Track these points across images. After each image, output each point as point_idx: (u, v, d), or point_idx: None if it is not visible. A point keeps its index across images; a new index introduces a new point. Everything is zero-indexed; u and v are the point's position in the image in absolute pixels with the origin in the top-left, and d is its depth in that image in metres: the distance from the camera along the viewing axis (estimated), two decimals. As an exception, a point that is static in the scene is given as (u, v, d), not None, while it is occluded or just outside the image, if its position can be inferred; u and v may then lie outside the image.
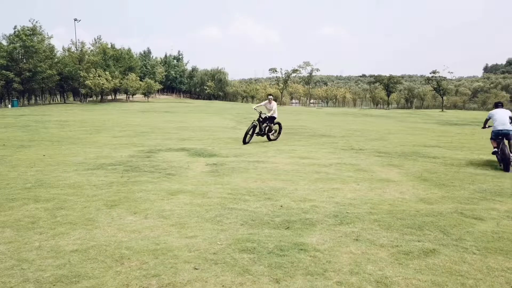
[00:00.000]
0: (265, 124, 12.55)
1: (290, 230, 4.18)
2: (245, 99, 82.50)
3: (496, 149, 8.32)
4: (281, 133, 13.45)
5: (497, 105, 9.11)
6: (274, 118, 12.70)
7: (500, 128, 8.31)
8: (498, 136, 8.31)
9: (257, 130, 12.48)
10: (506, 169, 8.04)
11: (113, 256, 3.45)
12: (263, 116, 12.41)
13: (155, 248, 3.62)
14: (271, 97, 13.07)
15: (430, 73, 57.73)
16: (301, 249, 3.63)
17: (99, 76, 50.10)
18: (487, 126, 9.13)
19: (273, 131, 12.97)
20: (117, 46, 58.98)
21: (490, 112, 8.96)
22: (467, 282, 3.05)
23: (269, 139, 12.87)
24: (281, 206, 5.07)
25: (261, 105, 13.12)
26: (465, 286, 3.00)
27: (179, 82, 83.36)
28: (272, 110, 12.57)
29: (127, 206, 4.99)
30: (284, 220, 4.51)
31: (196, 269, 3.21)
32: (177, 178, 6.74)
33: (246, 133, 11.94)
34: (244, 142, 11.77)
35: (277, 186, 6.22)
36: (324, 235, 4.03)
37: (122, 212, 4.72)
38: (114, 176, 6.77)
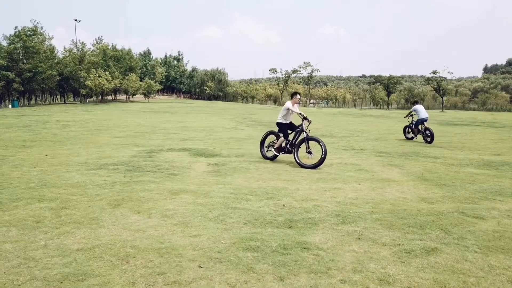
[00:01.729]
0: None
1: (293, 229, 4.22)
2: (245, 99, 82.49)
3: (421, 130, 13.35)
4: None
5: (417, 102, 14.30)
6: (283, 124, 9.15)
7: (424, 116, 13.19)
8: (420, 122, 13.25)
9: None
10: (431, 141, 12.69)
11: (118, 254, 3.48)
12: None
13: (160, 247, 3.66)
14: (298, 96, 9.02)
15: (430, 74, 57.68)
16: (304, 248, 3.67)
17: (99, 76, 50.13)
18: (409, 116, 14.14)
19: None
20: (118, 47, 59.13)
21: (414, 107, 13.72)
22: (468, 280, 3.09)
23: (269, 157, 8.94)
24: (284, 206, 5.11)
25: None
26: (466, 284, 3.03)
27: (179, 82, 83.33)
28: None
29: (130, 205, 5.02)
30: (287, 219, 4.54)
31: (201, 267, 3.25)
32: (179, 178, 6.78)
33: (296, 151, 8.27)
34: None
35: (279, 186, 6.26)
36: (326, 234, 4.07)
37: (125, 212, 4.76)
38: (116, 176, 6.80)
